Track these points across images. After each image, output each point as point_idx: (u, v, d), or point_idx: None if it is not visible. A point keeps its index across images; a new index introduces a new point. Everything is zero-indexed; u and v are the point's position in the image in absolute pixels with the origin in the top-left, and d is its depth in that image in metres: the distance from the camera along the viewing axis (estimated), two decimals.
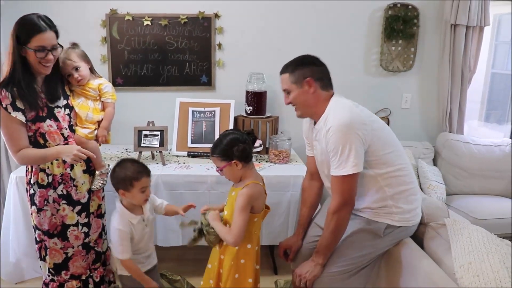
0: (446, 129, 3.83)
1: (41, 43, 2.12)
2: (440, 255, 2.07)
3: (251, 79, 3.49)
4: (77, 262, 2.49)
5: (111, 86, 2.59)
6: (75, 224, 2.43)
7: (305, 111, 2.27)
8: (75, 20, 3.47)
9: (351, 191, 2.11)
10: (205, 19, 3.56)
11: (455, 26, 3.58)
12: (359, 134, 2.03)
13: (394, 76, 3.81)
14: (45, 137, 2.26)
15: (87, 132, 2.44)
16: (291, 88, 2.22)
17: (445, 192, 3.48)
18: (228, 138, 2.22)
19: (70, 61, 2.40)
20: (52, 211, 2.37)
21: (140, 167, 2.26)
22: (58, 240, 2.41)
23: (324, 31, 3.66)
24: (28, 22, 2.11)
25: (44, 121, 2.24)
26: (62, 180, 2.36)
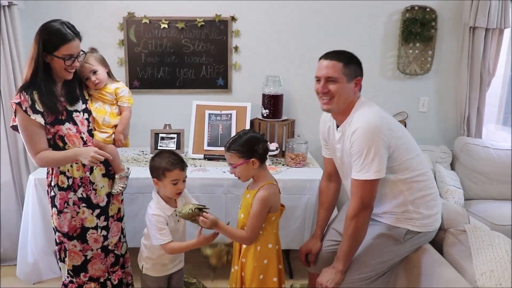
0: (464, 133, 3.78)
1: (69, 52, 2.17)
2: (460, 262, 2.05)
3: (267, 82, 3.48)
4: (95, 265, 2.50)
5: (128, 91, 2.60)
6: (95, 227, 2.45)
7: (338, 107, 2.18)
8: (92, 23, 3.50)
9: (370, 196, 2.09)
10: (222, 22, 3.56)
11: (474, 29, 3.54)
12: (385, 139, 2.02)
13: (411, 80, 3.78)
14: (64, 140, 2.28)
15: (105, 136, 2.46)
16: (341, 79, 2.13)
17: (463, 197, 3.44)
18: (249, 136, 2.23)
19: (88, 64, 2.42)
20: (72, 213, 2.39)
21: (175, 159, 2.30)
22: (77, 242, 2.44)
23: (341, 34, 3.64)
24: (57, 32, 2.15)
25: (63, 124, 2.27)
26: (82, 183, 2.38)
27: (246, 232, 2.22)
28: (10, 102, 2.25)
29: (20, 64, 3.19)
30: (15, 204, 3.32)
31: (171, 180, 2.27)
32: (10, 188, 3.28)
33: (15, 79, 3.18)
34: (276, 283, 2.30)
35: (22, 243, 2.99)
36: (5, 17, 3.07)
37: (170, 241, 2.28)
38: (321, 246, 2.47)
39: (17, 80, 3.18)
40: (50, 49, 2.15)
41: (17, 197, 3.33)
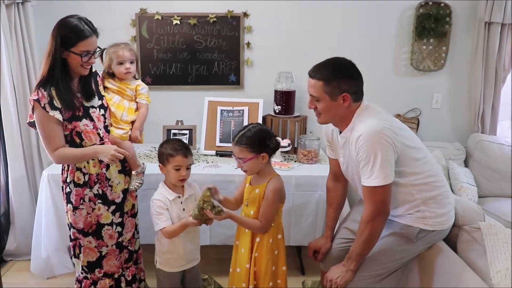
0: (478, 129, 3.74)
1: (87, 48, 2.18)
2: (474, 260, 2.02)
3: (279, 78, 3.47)
4: (110, 261, 2.51)
5: (147, 89, 2.65)
6: (110, 224, 2.46)
7: (330, 121, 2.19)
8: (105, 19, 3.50)
9: (384, 201, 2.05)
10: (234, 18, 3.55)
11: (489, 24, 3.49)
12: (390, 142, 1.97)
13: (424, 76, 3.74)
14: (81, 136, 2.28)
15: (122, 132, 2.47)
16: (322, 98, 2.08)
17: (476, 194, 3.40)
18: (259, 130, 2.23)
19: (131, 52, 2.53)
20: (87, 209, 2.39)
21: (179, 145, 2.34)
22: (92, 238, 2.44)
23: (354, 30, 3.62)
24: (75, 28, 2.15)
25: (81, 121, 2.27)
26: (98, 179, 2.39)
27: (260, 221, 2.26)
28: (28, 98, 2.28)
29: (34, 60, 3.22)
30: (29, 200, 3.35)
31: (173, 165, 2.31)
32: (24, 184, 3.31)
33: (29, 75, 3.20)
34: (285, 271, 2.37)
35: (36, 238, 3.02)
36: (19, 14, 3.09)
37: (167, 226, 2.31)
38: (331, 246, 2.46)
39: (31, 77, 3.20)
40: (67, 45, 2.15)
41: (31, 193, 3.36)
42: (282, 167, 3.06)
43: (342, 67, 2.10)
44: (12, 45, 3.09)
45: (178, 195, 2.38)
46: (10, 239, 3.38)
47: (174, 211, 2.36)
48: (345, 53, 2.25)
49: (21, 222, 3.35)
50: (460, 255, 2.11)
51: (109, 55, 2.51)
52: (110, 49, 2.53)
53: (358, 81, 2.10)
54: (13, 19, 3.06)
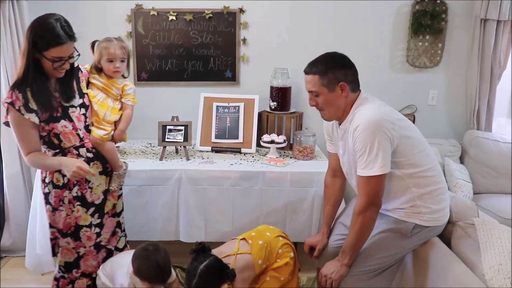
0: (473, 126, 3.75)
1: (59, 55, 2.06)
2: (468, 255, 2.03)
3: (275, 74, 3.47)
4: (88, 261, 2.46)
5: (135, 89, 2.56)
6: (88, 226, 2.40)
7: (333, 115, 2.20)
8: (101, 15, 3.50)
9: (378, 192, 2.07)
10: (230, 14, 3.54)
11: (485, 21, 3.49)
12: (387, 133, 1.99)
13: (420, 72, 3.74)
14: (59, 138, 2.21)
15: (103, 133, 2.37)
16: (321, 91, 2.12)
17: (472, 191, 3.41)
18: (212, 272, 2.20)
19: (124, 50, 2.44)
20: (67, 211, 2.34)
21: (159, 277, 2.24)
22: (71, 240, 2.39)
23: (350, 26, 3.62)
24: (50, 31, 2.03)
25: (59, 122, 2.19)
26: (77, 181, 2.31)
27: None
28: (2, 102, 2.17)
29: None
30: (23, 196, 3.34)
31: (148, 286, 2.25)
32: (19, 181, 3.31)
33: None
34: None
35: (31, 234, 3.02)
36: (13, 9, 3.08)
37: None
38: (327, 242, 2.46)
39: None
40: (39, 48, 2.03)
41: (25, 189, 3.35)
42: (277, 163, 3.06)
43: (336, 59, 2.14)
44: (7, 42, 3.08)
45: None
46: (5, 235, 3.38)
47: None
48: (341, 49, 2.26)
49: (16, 218, 3.34)
50: (454, 251, 2.12)
51: (100, 50, 2.41)
52: (102, 43, 2.43)
53: (352, 70, 2.15)
54: (7, 15, 3.04)
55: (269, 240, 2.43)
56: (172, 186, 2.92)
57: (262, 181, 2.93)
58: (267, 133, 3.42)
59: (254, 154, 3.33)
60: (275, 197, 2.95)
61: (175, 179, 2.91)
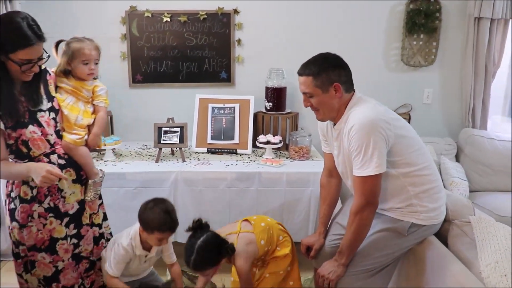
0: (469, 124, 3.76)
1: (28, 57, 1.88)
2: (465, 253, 2.03)
3: (270, 75, 3.47)
4: (68, 274, 2.26)
5: (106, 90, 2.33)
6: (64, 238, 2.20)
7: (328, 115, 2.20)
8: (95, 17, 3.50)
9: (374, 192, 2.06)
10: (224, 15, 3.54)
11: (479, 19, 3.50)
12: (382, 133, 1.99)
13: (415, 71, 3.75)
14: (28, 145, 2.02)
15: (76, 138, 2.17)
16: (315, 93, 2.11)
17: (468, 189, 3.42)
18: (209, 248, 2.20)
19: (98, 51, 2.24)
20: (38, 226, 2.13)
21: (169, 222, 2.20)
22: (46, 254, 2.18)
23: (344, 26, 3.62)
24: (16, 32, 1.84)
25: (27, 127, 2.00)
26: (49, 192, 2.12)
27: None
28: None
29: None
30: None
31: (157, 237, 2.22)
32: None
33: None
34: None
35: None
36: (6, 10, 3.06)
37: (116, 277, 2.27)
38: (324, 242, 2.46)
39: None
40: (5, 50, 1.84)
41: None
42: (273, 163, 3.06)
43: (329, 59, 2.14)
44: None
45: (146, 253, 2.32)
46: (2, 239, 3.35)
47: (135, 264, 2.33)
48: (335, 49, 2.26)
49: None
50: (450, 249, 2.12)
51: (72, 51, 2.16)
52: (73, 44, 2.18)
53: (346, 70, 2.14)
54: None
55: (271, 224, 2.45)
56: (168, 187, 2.92)
57: (258, 181, 2.93)
58: (262, 133, 3.42)
59: (250, 155, 3.33)
60: (272, 197, 2.95)
61: (171, 180, 2.91)
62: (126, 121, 3.68)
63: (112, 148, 3.20)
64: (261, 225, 2.41)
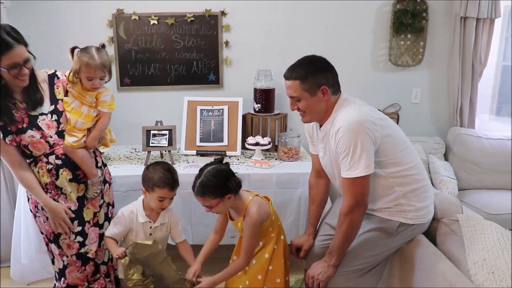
0: (457, 123, 3.79)
1: (12, 61, 1.95)
2: (453, 252, 2.04)
3: (259, 76, 3.47)
4: (72, 272, 2.36)
5: (111, 96, 2.38)
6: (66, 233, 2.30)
7: (315, 118, 2.21)
8: (81, 20, 3.47)
9: (363, 193, 2.07)
10: (212, 17, 3.54)
11: (465, 19, 3.53)
12: (369, 134, 1.99)
13: (403, 71, 3.77)
14: (28, 148, 2.16)
15: (72, 140, 2.24)
16: (303, 96, 2.12)
17: (456, 187, 3.44)
18: (215, 173, 2.15)
19: (104, 70, 2.25)
20: (43, 217, 2.28)
21: (168, 178, 2.26)
22: (55, 246, 2.33)
23: (332, 26, 3.63)
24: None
25: (25, 133, 2.11)
26: (48, 189, 2.24)
27: (242, 255, 2.24)
28: None
29: None
30: (7, 205, 3.29)
31: (158, 196, 2.26)
32: (1, 189, 3.25)
33: None
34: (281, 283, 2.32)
35: (16, 243, 2.98)
36: None
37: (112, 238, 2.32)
38: (314, 243, 2.46)
39: None
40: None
41: (9, 198, 3.30)
42: (263, 165, 3.06)
43: (315, 63, 2.14)
44: None
45: (150, 220, 2.35)
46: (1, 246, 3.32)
47: (140, 234, 2.34)
48: (323, 49, 2.27)
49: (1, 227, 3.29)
50: (439, 248, 2.13)
51: (80, 64, 2.21)
52: (83, 57, 2.21)
53: (332, 73, 2.15)
54: None
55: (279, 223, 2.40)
56: None
57: (247, 183, 2.92)
58: (251, 135, 3.42)
59: (239, 156, 3.32)
60: None
61: None
62: (115, 125, 3.61)
63: (101, 152, 3.17)
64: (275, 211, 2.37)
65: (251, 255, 2.25)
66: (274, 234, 2.30)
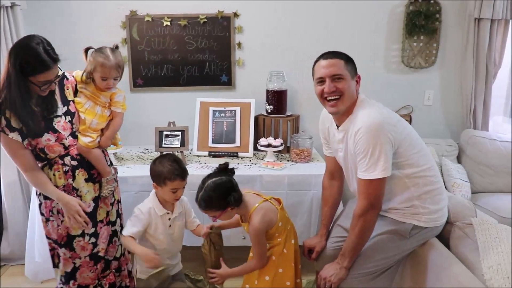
0: (470, 125, 3.75)
1: (46, 79, 2.03)
2: (466, 255, 2.03)
3: (271, 77, 3.47)
4: (84, 273, 2.38)
5: (124, 96, 2.42)
6: (81, 235, 2.32)
7: (345, 105, 2.13)
8: (95, 22, 3.50)
9: (378, 195, 2.06)
10: (224, 19, 3.55)
11: (479, 20, 3.50)
12: (389, 136, 1.99)
13: (416, 73, 3.75)
14: (44, 151, 2.18)
15: (88, 141, 2.28)
16: (345, 76, 2.10)
17: (470, 190, 3.41)
18: (216, 189, 2.15)
19: (119, 70, 2.29)
20: (57, 221, 2.29)
21: (177, 169, 2.27)
22: (66, 250, 2.33)
23: (344, 28, 3.62)
24: (36, 58, 1.98)
25: (42, 136, 2.14)
26: (65, 191, 2.25)
27: (255, 259, 2.25)
28: None
29: None
30: (22, 204, 3.33)
31: (171, 188, 2.27)
32: (16, 188, 3.29)
33: None
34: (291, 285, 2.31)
35: (30, 242, 3.01)
36: (8, 17, 3.07)
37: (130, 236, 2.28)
38: (326, 244, 2.46)
39: None
40: (26, 73, 1.98)
41: (23, 197, 3.34)
42: (275, 166, 3.06)
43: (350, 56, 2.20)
44: (1, 50, 3.07)
45: (168, 211, 2.36)
46: (4, 244, 3.37)
47: (160, 227, 2.34)
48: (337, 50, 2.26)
49: (14, 226, 3.33)
50: (452, 251, 2.12)
51: (95, 64, 2.24)
52: (98, 57, 2.24)
53: None
54: (1, 23, 3.03)
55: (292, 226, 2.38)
56: None
57: (259, 184, 2.93)
58: (263, 136, 3.42)
59: (251, 158, 3.33)
60: None
61: None
62: (127, 125, 3.64)
63: (114, 152, 3.20)
64: (286, 215, 2.35)
65: (263, 257, 2.25)
66: (282, 238, 2.28)
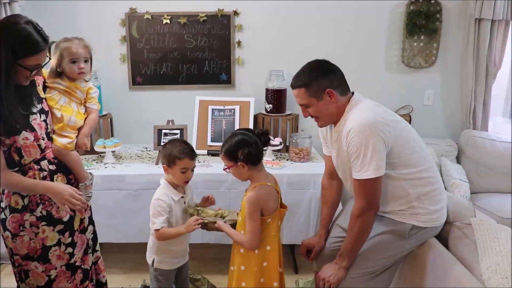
0: (470, 126, 3.75)
1: (38, 62, 1.86)
2: (465, 256, 2.02)
3: (271, 76, 3.46)
4: (61, 283, 2.15)
5: (98, 93, 2.34)
6: (57, 244, 2.10)
7: (328, 121, 2.20)
8: (94, 19, 3.49)
9: (375, 194, 2.05)
10: (224, 17, 3.54)
11: (480, 21, 3.49)
12: (381, 135, 1.97)
13: (416, 73, 3.74)
14: (20, 152, 1.93)
15: (67, 142, 2.11)
16: (310, 102, 2.12)
17: (469, 190, 3.41)
18: (235, 139, 2.16)
19: (87, 49, 2.17)
20: (30, 235, 2.03)
21: (186, 148, 2.28)
22: (39, 264, 2.08)
23: (345, 27, 3.61)
24: (28, 39, 1.80)
25: (19, 134, 1.91)
26: (41, 200, 2.02)
27: (246, 236, 2.18)
28: None
29: None
30: None
31: (180, 168, 2.25)
32: None
33: None
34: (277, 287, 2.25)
35: None
36: (6, 14, 3.06)
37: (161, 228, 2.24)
38: (325, 244, 2.45)
39: None
40: (15, 56, 1.78)
41: None
42: (274, 165, 3.06)
43: (317, 67, 2.13)
44: None
45: (182, 195, 2.34)
46: (2, 242, 3.34)
47: (178, 211, 2.32)
48: (335, 50, 2.27)
49: None
50: (451, 252, 2.11)
51: (60, 51, 2.11)
52: (62, 44, 2.12)
53: (336, 74, 2.13)
54: None
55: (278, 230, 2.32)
56: None
57: None
58: None
59: None
60: None
61: None
62: (126, 124, 3.67)
63: (112, 151, 3.20)
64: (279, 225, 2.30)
65: (254, 236, 2.14)
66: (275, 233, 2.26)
